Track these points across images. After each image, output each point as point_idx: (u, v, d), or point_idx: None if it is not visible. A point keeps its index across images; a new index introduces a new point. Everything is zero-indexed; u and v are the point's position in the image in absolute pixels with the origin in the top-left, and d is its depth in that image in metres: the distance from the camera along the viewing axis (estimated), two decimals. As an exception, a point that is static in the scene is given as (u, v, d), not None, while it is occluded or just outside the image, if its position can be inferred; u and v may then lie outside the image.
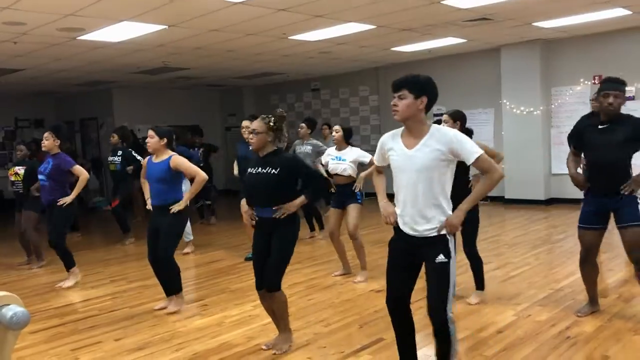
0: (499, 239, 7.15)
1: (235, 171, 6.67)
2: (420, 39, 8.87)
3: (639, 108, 8.70)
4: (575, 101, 9.54)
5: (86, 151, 14.09)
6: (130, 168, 7.82)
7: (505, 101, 10.16)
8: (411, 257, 2.85)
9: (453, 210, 2.80)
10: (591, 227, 3.93)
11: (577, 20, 8.16)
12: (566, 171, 4.22)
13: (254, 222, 3.64)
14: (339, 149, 5.51)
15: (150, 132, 4.60)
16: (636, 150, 3.82)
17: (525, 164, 9.81)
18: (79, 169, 5.62)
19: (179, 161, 4.55)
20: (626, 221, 3.74)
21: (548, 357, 3.38)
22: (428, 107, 2.79)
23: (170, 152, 4.63)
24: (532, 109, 9.85)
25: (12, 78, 10.33)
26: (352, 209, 5.39)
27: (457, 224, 2.75)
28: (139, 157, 7.88)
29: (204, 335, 4.07)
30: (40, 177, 5.67)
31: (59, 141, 5.60)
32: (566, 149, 4.25)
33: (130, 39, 7.54)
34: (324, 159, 5.77)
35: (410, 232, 2.80)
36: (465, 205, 2.78)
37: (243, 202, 6.30)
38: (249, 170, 3.61)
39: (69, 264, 5.70)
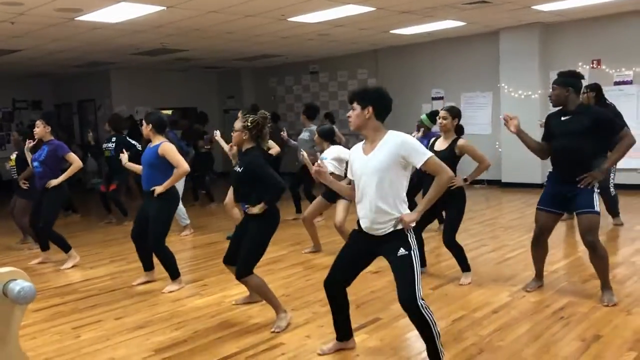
0: (496, 222, 7.21)
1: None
2: (419, 21, 8.84)
3: (637, 92, 8.73)
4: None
5: (83, 133, 14.07)
6: (125, 155, 7.69)
7: (503, 85, 10.16)
8: (366, 250, 3.06)
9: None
10: (547, 209, 4.14)
11: (575, 3, 8.15)
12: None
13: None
14: (321, 149, 5.77)
15: (143, 122, 4.79)
16: (601, 141, 3.99)
17: (523, 148, 9.61)
18: (72, 157, 5.63)
19: (167, 148, 4.64)
20: (580, 207, 3.92)
21: (541, 336, 3.44)
22: (379, 115, 2.95)
23: (162, 139, 4.72)
24: (530, 93, 9.86)
25: (9, 59, 10.29)
26: (340, 205, 5.51)
27: (409, 222, 2.89)
28: (134, 142, 7.88)
29: (203, 315, 4.13)
30: (34, 163, 5.66)
31: (49, 128, 5.62)
32: None
33: (128, 19, 7.51)
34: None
35: (369, 232, 2.98)
36: (420, 207, 2.98)
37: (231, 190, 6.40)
38: (234, 166, 3.88)
39: (64, 248, 5.75)
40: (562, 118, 4.03)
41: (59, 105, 14.32)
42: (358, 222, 3.05)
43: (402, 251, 2.87)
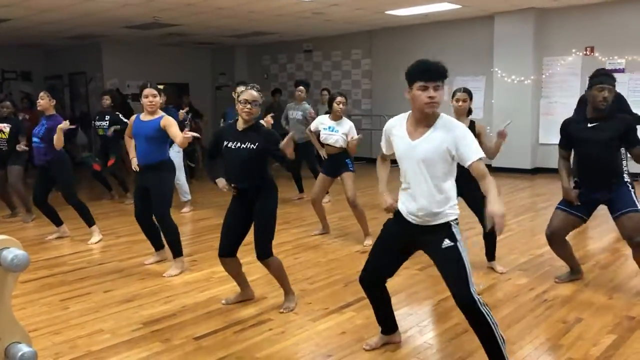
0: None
1: None
2: (414, 2, 8.80)
3: (628, 80, 8.77)
4: (566, 72, 9.57)
5: (74, 106, 13.95)
6: (113, 129, 7.63)
7: (496, 69, 10.17)
8: (405, 242, 2.82)
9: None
10: (572, 212, 3.90)
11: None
12: (553, 141, 4.25)
13: (235, 192, 3.65)
14: (335, 118, 5.45)
15: (152, 91, 4.54)
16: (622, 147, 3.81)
17: (513, 133, 9.73)
18: (64, 125, 5.48)
19: (169, 122, 4.53)
20: (622, 208, 3.71)
21: (524, 318, 3.51)
22: None
23: (161, 112, 4.64)
24: (522, 78, 9.88)
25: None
26: (347, 178, 5.44)
27: (500, 214, 2.46)
28: (125, 120, 7.81)
29: (192, 290, 4.16)
30: (34, 139, 5.56)
31: (54, 101, 5.56)
32: (554, 120, 4.26)
33: (120, -8, 7.41)
34: (313, 126, 5.74)
35: (414, 220, 2.73)
36: (495, 199, 2.53)
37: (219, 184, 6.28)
38: (228, 144, 3.53)
39: (88, 220, 5.71)
40: (589, 125, 3.74)
41: (49, 77, 14.15)
42: (397, 211, 2.81)
43: (447, 242, 2.64)
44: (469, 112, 4.48)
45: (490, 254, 4.56)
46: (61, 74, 14.02)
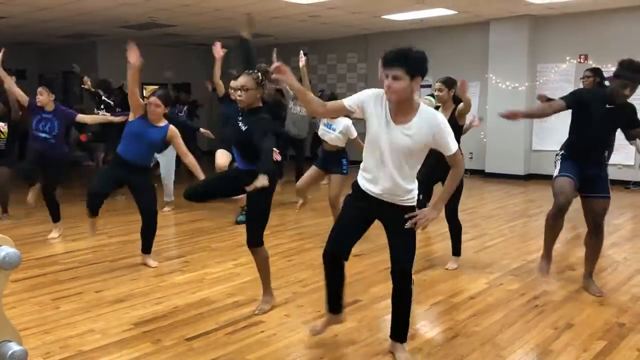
0: (477, 211, 7.30)
1: None
2: (411, 7, 8.83)
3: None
4: (560, 79, 9.63)
5: (68, 105, 13.88)
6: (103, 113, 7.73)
7: (491, 75, 10.22)
8: (367, 215, 2.91)
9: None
10: (572, 177, 3.86)
11: (567, -3, 8.19)
12: (546, 148, 4.31)
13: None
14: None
15: (158, 101, 4.52)
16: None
17: (507, 139, 9.93)
18: (81, 117, 5.82)
19: (175, 134, 4.61)
20: (599, 192, 3.90)
21: (516, 323, 3.53)
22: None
23: (165, 120, 4.67)
24: (517, 85, 9.92)
25: (-7, 26, 10.10)
26: (336, 179, 5.47)
27: (431, 220, 2.84)
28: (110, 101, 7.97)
29: (184, 291, 4.15)
30: (42, 134, 5.54)
31: (53, 96, 5.59)
32: (548, 127, 4.30)
33: (117, -9, 7.40)
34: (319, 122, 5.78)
35: (376, 194, 2.81)
36: (440, 204, 2.90)
37: (219, 153, 6.33)
38: (236, 123, 3.55)
39: (55, 216, 5.75)
40: (607, 106, 3.79)
41: (42, 75, 14.09)
42: (357, 185, 2.89)
43: (409, 224, 2.79)
44: (456, 100, 4.57)
45: (454, 247, 4.71)
46: (55, 72, 13.96)
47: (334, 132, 5.39)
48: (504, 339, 3.27)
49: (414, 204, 2.84)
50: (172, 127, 4.64)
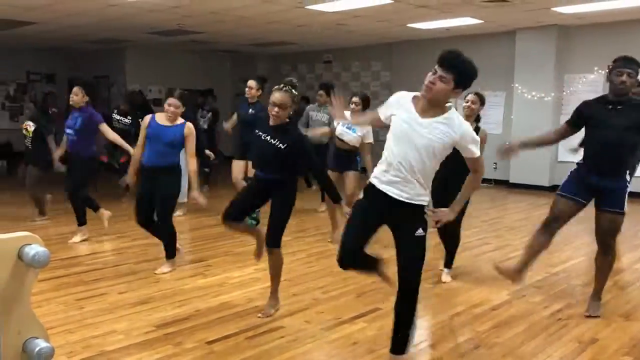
0: (500, 222, 7.22)
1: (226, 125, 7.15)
2: (436, 16, 8.81)
3: (651, 100, 8.66)
4: (588, 89, 9.48)
5: (95, 109, 14.13)
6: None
7: (517, 85, 10.12)
8: (377, 217, 2.84)
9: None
10: (573, 197, 3.74)
11: (596, 7, 8.09)
12: (571, 159, 4.15)
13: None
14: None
15: (176, 102, 4.58)
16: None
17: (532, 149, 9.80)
18: (105, 129, 5.74)
19: (191, 132, 4.64)
20: (610, 206, 3.65)
21: (538, 336, 3.48)
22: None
23: (181, 119, 4.70)
24: (543, 95, 9.82)
25: (24, 31, 10.34)
26: (352, 176, 5.50)
27: (448, 219, 2.92)
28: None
29: (205, 294, 4.18)
30: (68, 130, 5.68)
31: (87, 98, 5.66)
32: (574, 138, 4.11)
33: (146, -2, 7.53)
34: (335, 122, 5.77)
35: (390, 193, 2.75)
36: (457, 206, 2.95)
37: (235, 165, 6.40)
38: (259, 133, 3.60)
39: (80, 219, 5.80)
40: (610, 107, 3.63)
41: (71, 79, 14.38)
42: (370, 187, 2.84)
43: (420, 232, 2.74)
44: (478, 118, 4.58)
45: (449, 260, 4.62)
46: (84, 77, 14.23)
47: (354, 133, 5.43)
48: (526, 352, 3.23)
49: (425, 203, 2.80)
50: (189, 124, 4.65)
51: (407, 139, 2.70)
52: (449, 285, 4.50)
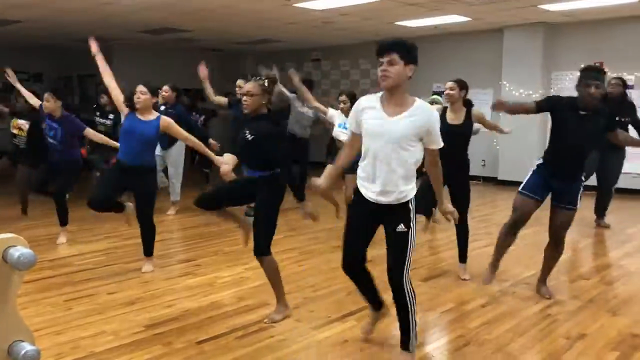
0: (490, 218, 7.25)
1: None
2: (425, 14, 8.83)
3: (638, 97, 8.75)
4: (575, 86, 9.55)
5: (83, 107, 14.03)
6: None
7: (505, 83, 10.17)
8: (371, 221, 2.95)
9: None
10: (533, 196, 4.00)
11: (583, 4, 8.14)
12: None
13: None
14: (347, 116, 5.57)
15: (143, 89, 4.51)
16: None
17: (520, 146, 9.87)
18: (91, 133, 5.64)
19: (167, 122, 4.52)
20: (566, 204, 3.92)
21: (528, 332, 3.50)
22: (410, 77, 2.76)
23: (155, 112, 4.61)
24: (531, 92, 9.87)
25: (10, 30, 10.22)
26: (351, 178, 5.48)
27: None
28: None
29: (195, 294, 4.16)
30: (51, 141, 5.56)
31: (60, 102, 5.50)
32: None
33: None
34: (335, 120, 5.81)
35: (373, 199, 2.85)
36: (446, 202, 3.23)
37: (224, 158, 6.32)
38: (243, 131, 3.60)
39: (62, 221, 5.75)
40: (581, 112, 3.80)
41: (59, 78, 14.26)
42: (358, 190, 2.94)
43: (401, 227, 2.80)
44: (469, 104, 4.59)
45: (463, 255, 4.67)
46: (71, 75, 14.13)
47: (347, 131, 5.44)
48: (515, 348, 3.25)
49: (409, 198, 2.85)
50: (164, 117, 4.57)
51: (379, 135, 2.77)
52: (439, 282, 4.52)
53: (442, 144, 2.85)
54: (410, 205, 2.85)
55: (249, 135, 3.51)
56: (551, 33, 9.77)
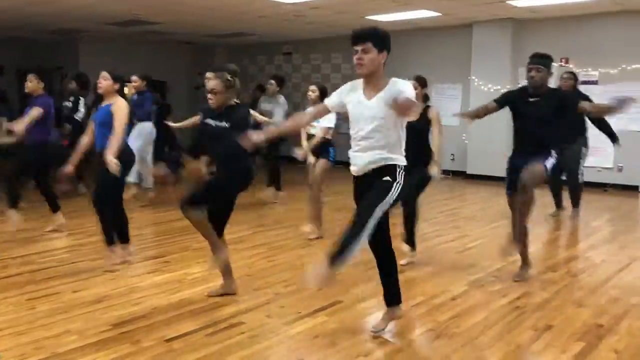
0: (458, 212, 7.33)
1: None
2: (395, 9, 8.84)
3: (601, 92, 8.94)
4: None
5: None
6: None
7: (474, 78, 10.28)
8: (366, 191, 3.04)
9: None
10: (514, 192, 4.23)
11: (550, 1, 8.27)
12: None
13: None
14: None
15: (105, 74, 4.58)
16: (563, 124, 4.16)
17: (489, 140, 9.99)
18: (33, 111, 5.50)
19: (117, 109, 4.46)
20: (533, 162, 4.03)
21: (496, 324, 3.53)
22: (384, 63, 2.94)
23: (118, 98, 4.57)
24: (499, 87, 9.96)
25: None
26: (320, 163, 5.62)
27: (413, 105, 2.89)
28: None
29: (163, 291, 4.10)
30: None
31: (42, 84, 5.57)
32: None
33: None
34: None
35: (361, 173, 3.04)
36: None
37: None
38: (205, 120, 3.66)
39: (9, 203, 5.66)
40: (531, 99, 4.07)
41: (22, 71, 13.87)
42: (354, 177, 3.11)
43: (387, 178, 2.93)
44: (426, 98, 4.77)
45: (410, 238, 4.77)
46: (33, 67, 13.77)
47: (318, 124, 5.48)
48: (484, 341, 3.28)
49: (395, 163, 2.98)
50: (118, 102, 4.51)
51: (361, 115, 2.98)
52: (408, 275, 4.53)
53: (407, 95, 2.81)
54: (397, 169, 2.98)
55: (220, 123, 3.59)
56: (519, 29, 9.91)
